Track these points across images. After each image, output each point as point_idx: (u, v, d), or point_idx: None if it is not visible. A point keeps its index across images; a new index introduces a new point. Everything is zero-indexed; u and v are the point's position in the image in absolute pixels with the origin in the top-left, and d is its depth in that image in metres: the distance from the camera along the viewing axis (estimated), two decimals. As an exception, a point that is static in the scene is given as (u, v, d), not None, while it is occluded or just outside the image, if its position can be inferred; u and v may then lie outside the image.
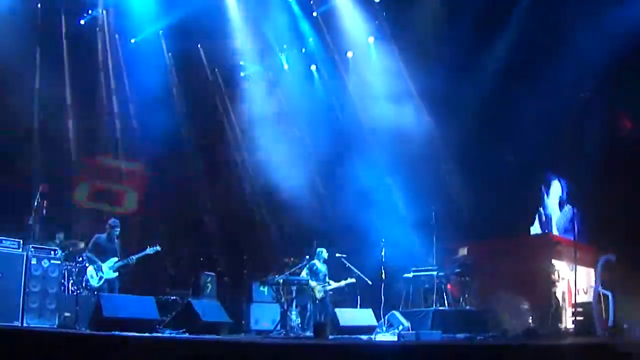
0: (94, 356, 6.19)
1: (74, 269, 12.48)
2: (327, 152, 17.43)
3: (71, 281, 12.30)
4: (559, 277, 14.47)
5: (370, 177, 15.94)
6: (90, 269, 12.00)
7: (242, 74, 18.53)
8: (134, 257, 12.26)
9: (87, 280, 12.02)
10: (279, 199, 16.96)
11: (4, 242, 10.83)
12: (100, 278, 11.92)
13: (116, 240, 12.37)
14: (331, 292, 13.79)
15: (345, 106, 18.15)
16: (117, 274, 12.13)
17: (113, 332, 9.05)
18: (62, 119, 15.72)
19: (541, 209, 16.76)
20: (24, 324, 10.43)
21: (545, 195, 16.74)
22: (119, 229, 12.44)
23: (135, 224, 15.79)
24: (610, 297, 11.24)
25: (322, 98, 18.70)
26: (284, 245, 17.42)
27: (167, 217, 17.61)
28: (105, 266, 12.00)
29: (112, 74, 16.61)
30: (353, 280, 13.91)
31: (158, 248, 12.57)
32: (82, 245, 13.40)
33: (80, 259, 12.76)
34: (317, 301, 13.47)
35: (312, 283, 13.52)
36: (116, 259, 12.14)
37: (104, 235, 12.34)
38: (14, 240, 10.99)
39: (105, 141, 16.61)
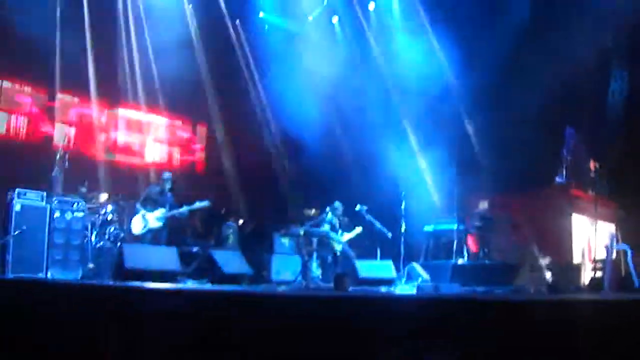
0: (116, 307, 6.30)
1: (97, 221, 12.62)
2: (347, 103, 17.39)
3: (94, 233, 12.43)
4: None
5: (391, 130, 15.87)
6: (136, 218, 12.38)
7: (266, 27, 18.40)
8: (186, 210, 12.62)
9: (129, 229, 12.42)
10: (299, 149, 17.00)
11: (27, 194, 10.88)
12: (144, 226, 12.26)
13: (168, 193, 12.64)
14: (349, 244, 13.84)
15: (367, 58, 17.99)
16: (161, 223, 12.40)
17: (134, 283, 9.21)
18: (83, 70, 15.70)
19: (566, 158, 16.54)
20: (49, 276, 10.64)
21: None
22: (171, 182, 12.75)
23: (156, 175, 15.93)
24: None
25: (344, 50, 18.61)
26: (305, 196, 17.48)
27: (188, 168, 17.81)
28: (151, 216, 12.29)
29: (132, 24, 16.57)
30: (360, 229, 13.88)
31: (207, 203, 12.81)
32: (104, 197, 13.53)
33: (104, 210, 12.91)
34: (337, 253, 13.55)
35: (332, 235, 13.59)
36: (165, 210, 12.41)
37: (157, 188, 12.77)
38: (37, 193, 11.07)
39: (126, 91, 16.64)
